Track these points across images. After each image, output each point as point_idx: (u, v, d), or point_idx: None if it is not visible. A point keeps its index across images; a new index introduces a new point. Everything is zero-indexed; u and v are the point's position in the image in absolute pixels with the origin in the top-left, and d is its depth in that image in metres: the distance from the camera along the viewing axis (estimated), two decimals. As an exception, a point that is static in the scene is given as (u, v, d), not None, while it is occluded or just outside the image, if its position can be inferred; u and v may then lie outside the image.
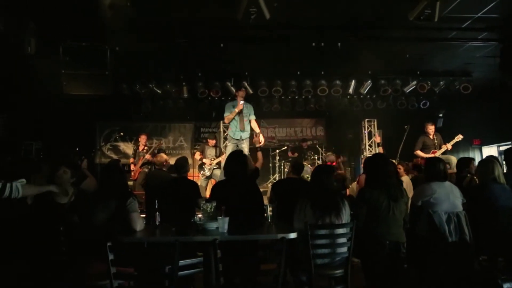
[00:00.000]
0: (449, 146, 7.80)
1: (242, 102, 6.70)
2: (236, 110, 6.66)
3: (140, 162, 8.35)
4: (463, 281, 3.68)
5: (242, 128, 6.77)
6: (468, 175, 4.95)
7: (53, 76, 6.40)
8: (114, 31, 5.88)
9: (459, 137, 7.84)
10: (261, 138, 6.32)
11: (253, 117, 6.95)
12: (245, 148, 6.81)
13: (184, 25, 6.18)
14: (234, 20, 5.00)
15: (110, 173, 3.55)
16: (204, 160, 8.07)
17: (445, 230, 3.60)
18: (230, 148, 6.79)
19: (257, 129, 6.73)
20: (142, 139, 8.62)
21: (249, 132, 6.94)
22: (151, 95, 9.27)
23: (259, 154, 4.65)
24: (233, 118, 6.78)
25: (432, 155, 7.44)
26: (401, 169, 6.25)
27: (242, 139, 6.82)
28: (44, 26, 5.72)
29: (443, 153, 7.78)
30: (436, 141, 7.91)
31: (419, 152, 7.85)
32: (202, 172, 8.06)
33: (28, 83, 7.51)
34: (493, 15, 5.73)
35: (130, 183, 7.89)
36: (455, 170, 5.76)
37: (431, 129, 8.04)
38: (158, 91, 9.02)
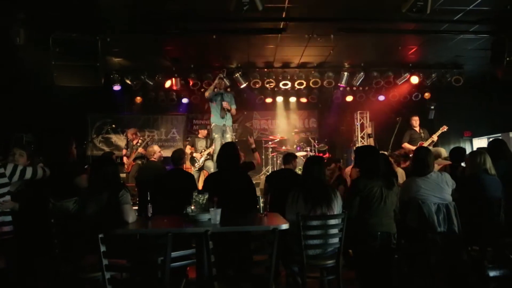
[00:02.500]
0: (434, 137, 7.95)
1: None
2: (213, 88, 7.35)
3: (133, 156, 8.28)
4: (452, 271, 3.75)
5: (223, 116, 7.36)
6: (462, 164, 4.98)
7: (43, 68, 6.32)
8: (105, 22, 5.81)
9: (444, 128, 8.03)
10: (233, 111, 7.40)
11: (233, 107, 7.50)
12: (229, 137, 7.26)
13: (176, 17, 6.11)
14: (226, 11, 4.96)
15: (101, 165, 3.53)
16: (194, 154, 8.05)
17: (433, 220, 3.64)
18: (217, 138, 7.23)
19: (233, 112, 7.51)
20: (130, 134, 8.44)
21: (231, 119, 7.52)
22: (143, 87, 9.20)
23: (256, 154, 4.80)
24: (215, 105, 7.35)
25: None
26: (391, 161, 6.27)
27: (226, 126, 7.34)
28: (34, 17, 5.63)
29: (434, 145, 7.89)
30: (423, 135, 8.09)
31: (407, 145, 7.98)
32: (194, 164, 8.04)
33: (17, 74, 7.41)
34: (485, 7, 5.74)
35: (123, 175, 7.84)
36: (444, 161, 5.83)
37: (415, 120, 8.22)
38: (150, 82, 8.97)
